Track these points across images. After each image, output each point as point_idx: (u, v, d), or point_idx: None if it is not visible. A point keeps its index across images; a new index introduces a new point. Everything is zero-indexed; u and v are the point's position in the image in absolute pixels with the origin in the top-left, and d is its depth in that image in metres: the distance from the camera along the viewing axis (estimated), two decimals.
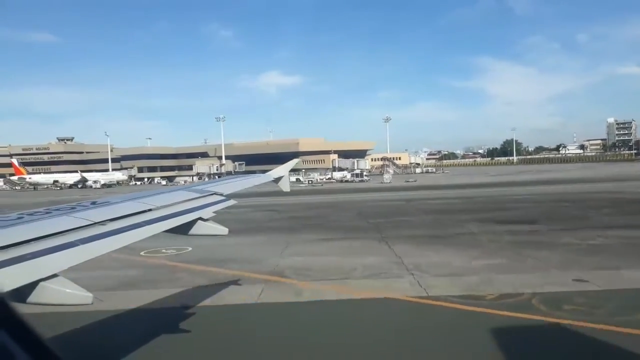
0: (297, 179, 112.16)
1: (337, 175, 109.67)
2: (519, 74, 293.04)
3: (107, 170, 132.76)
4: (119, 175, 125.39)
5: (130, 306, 10.56)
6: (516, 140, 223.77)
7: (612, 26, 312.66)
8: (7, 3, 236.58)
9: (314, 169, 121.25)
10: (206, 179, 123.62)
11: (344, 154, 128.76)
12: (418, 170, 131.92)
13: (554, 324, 8.44)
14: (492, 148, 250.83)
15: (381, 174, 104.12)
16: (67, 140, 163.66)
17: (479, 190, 50.79)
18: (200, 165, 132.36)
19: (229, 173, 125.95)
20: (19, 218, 4.02)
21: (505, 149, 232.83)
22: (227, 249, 17.55)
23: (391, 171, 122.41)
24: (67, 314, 6.91)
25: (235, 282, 12.86)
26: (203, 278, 13.65)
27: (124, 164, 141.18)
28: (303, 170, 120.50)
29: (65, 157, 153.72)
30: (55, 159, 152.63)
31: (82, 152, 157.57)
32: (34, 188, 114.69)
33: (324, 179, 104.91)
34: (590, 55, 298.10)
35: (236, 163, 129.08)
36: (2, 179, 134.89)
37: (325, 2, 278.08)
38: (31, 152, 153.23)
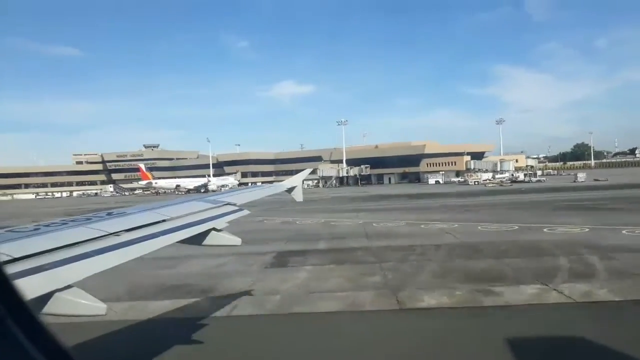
0: (437, 181, 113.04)
1: (485, 176, 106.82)
2: (535, 81, 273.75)
3: (197, 176, 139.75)
4: (232, 180, 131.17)
5: None
6: (584, 144, 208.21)
7: (632, 30, 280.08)
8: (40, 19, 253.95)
9: (439, 172, 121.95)
10: (334, 183, 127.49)
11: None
12: (539, 172, 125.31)
13: None
14: (563, 152, 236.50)
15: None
16: (154, 147, 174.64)
17: None
18: (326, 169, 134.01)
19: (353, 177, 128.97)
20: (35, 229, 4.22)
21: (576, 153, 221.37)
22: None
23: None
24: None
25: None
26: None
27: (227, 169, 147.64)
28: (442, 173, 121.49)
29: (159, 163, 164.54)
30: (149, 165, 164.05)
31: (172, 159, 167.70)
32: (156, 193, 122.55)
33: (479, 181, 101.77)
34: (609, 61, 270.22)
35: (362, 166, 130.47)
36: (112, 185, 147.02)
37: (339, 12, 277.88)
38: (125, 158, 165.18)
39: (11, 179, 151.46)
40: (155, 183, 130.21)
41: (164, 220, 4.66)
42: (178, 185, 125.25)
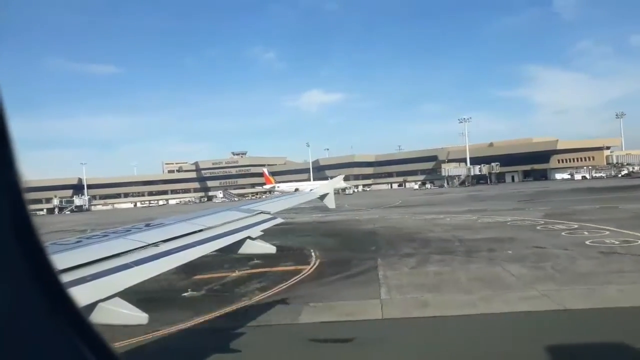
0: (584, 176, 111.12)
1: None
2: (568, 81, 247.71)
3: (295, 181, 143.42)
4: (343, 184, 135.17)
5: None
6: None
7: None
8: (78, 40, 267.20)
9: (581, 167, 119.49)
10: (456, 183, 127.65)
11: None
12: None
13: None
14: None
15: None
16: (242, 154, 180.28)
17: None
18: (451, 168, 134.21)
19: (478, 176, 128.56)
20: (77, 242, 4.47)
21: None
22: None
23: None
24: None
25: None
26: None
27: (328, 172, 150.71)
28: (589, 167, 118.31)
29: (253, 169, 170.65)
30: (243, 172, 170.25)
31: (264, 165, 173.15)
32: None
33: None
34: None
35: (492, 164, 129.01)
36: (221, 191, 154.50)
37: (365, 21, 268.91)
38: (220, 166, 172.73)
39: (110, 188, 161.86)
40: (278, 187, 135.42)
41: (200, 230, 4.76)
42: (297, 189, 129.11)
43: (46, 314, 1.45)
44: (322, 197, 7.95)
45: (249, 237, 4.90)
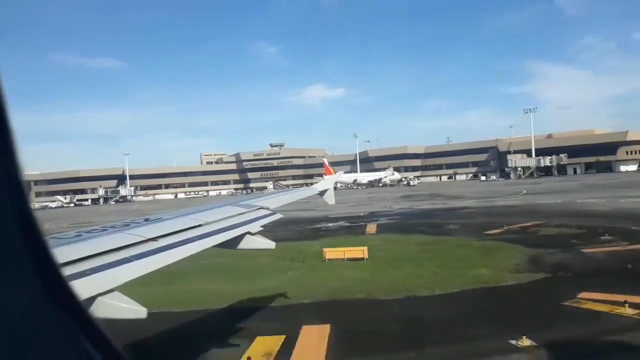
0: None
1: None
2: (572, 77, 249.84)
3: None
4: (398, 175, 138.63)
5: None
6: None
7: None
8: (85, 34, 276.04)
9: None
10: (522, 175, 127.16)
11: None
12: None
13: None
14: None
15: None
16: (280, 145, 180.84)
17: None
18: (520, 159, 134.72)
19: (544, 167, 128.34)
20: (77, 236, 4.50)
21: None
22: None
23: None
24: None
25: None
26: None
27: (378, 164, 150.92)
28: None
29: (294, 161, 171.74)
30: (284, 164, 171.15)
31: (304, 157, 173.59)
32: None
33: None
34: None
35: (561, 155, 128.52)
36: (271, 182, 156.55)
37: (366, 16, 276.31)
38: (262, 157, 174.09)
39: (151, 179, 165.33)
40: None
41: (199, 225, 4.73)
42: (355, 180, 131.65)
43: (48, 307, 1.47)
44: (322, 192, 7.86)
45: (249, 233, 4.85)
